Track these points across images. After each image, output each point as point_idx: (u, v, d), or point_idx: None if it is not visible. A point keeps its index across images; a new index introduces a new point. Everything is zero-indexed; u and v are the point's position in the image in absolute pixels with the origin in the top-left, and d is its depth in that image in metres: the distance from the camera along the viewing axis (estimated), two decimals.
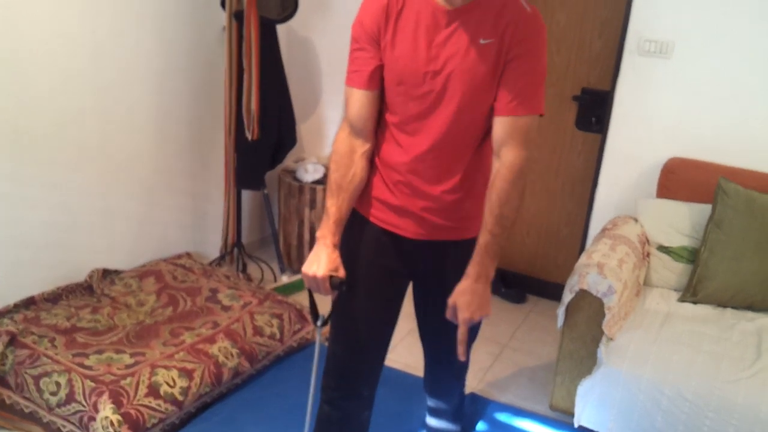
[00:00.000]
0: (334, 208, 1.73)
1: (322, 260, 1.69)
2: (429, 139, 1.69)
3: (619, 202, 3.26)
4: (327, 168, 3.68)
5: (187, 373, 2.42)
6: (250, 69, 3.05)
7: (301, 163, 3.65)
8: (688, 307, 2.70)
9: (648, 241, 2.90)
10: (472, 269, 1.67)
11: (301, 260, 3.64)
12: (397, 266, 1.86)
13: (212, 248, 3.63)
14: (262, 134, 3.13)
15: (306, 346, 2.95)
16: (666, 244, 2.88)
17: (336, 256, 1.72)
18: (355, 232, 1.85)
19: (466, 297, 1.65)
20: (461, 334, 1.67)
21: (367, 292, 1.86)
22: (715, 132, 3.03)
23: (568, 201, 3.53)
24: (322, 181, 3.56)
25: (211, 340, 2.61)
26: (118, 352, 2.44)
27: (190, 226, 3.49)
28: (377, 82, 1.71)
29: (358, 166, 1.75)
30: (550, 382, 2.95)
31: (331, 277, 1.70)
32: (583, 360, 2.55)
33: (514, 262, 3.72)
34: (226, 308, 2.86)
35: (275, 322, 2.86)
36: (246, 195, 3.65)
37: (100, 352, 2.44)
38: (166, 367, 2.39)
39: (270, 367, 2.78)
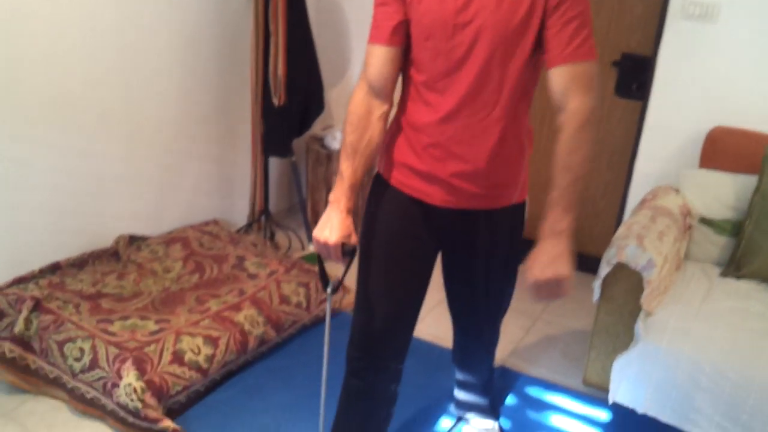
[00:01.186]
0: (349, 171, 1.65)
1: (334, 225, 1.62)
2: (457, 95, 1.59)
3: (659, 172, 3.13)
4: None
5: (213, 341, 2.38)
6: (277, 32, 2.96)
7: (329, 130, 3.58)
8: (731, 283, 2.58)
9: (690, 213, 2.78)
10: (542, 226, 1.56)
11: None
12: (425, 234, 1.78)
13: (239, 216, 3.58)
14: (289, 100, 3.06)
15: (334, 315, 2.90)
16: (709, 217, 2.75)
17: (349, 222, 1.65)
18: (380, 198, 1.78)
19: (535, 254, 1.54)
20: (534, 295, 1.57)
21: (393, 260, 1.79)
22: (761, 100, 2.87)
23: (606, 171, 3.40)
24: None
25: (237, 307, 2.57)
26: (143, 318, 2.42)
27: (217, 192, 3.45)
28: (400, 38, 1.62)
29: (375, 129, 1.67)
30: (584, 356, 2.87)
31: (343, 244, 1.63)
32: (620, 335, 2.45)
33: None
34: (252, 276, 2.82)
35: (302, 290, 2.81)
36: (273, 162, 3.59)
37: (125, 318, 2.41)
38: (191, 335, 2.36)
39: (296, 335, 2.74)
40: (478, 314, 1.99)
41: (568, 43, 1.51)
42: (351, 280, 2.00)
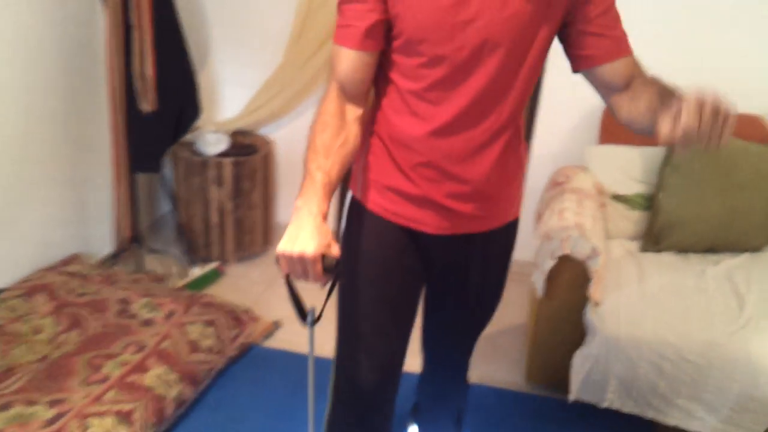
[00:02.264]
0: (320, 172, 1.32)
1: (308, 233, 1.24)
2: (456, 106, 1.34)
3: (558, 152, 3.08)
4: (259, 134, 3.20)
5: (126, 417, 1.94)
6: (141, 26, 2.47)
7: (198, 132, 3.12)
8: (655, 258, 2.58)
9: (602, 190, 2.75)
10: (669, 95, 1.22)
11: (209, 247, 3.15)
12: (414, 266, 1.53)
13: (100, 243, 3.04)
14: (162, 104, 2.59)
15: (246, 351, 2.53)
16: (620, 193, 2.74)
17: (327, 228, 1.29)
18: (359, 229, 1.50)
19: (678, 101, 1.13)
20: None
21: (382, 301, 1.52)
22: (657, 68, 2.88)
23: None
24: (229, 153, 3.07)
25: (142, 367, 2.13)
26: (29, 403, 1.91)
27: (73, 221, 2.88)
28: (376, 42, 1.34)
29: (351, 132, 1.38)
30: (519, 352, 2.77)
31: (323, 256, 1.26)
32: (562, 329, 2.37)
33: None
34: (146, 323, 2.37)
35: (210, 331, 2.41)
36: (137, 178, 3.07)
37: (4, 407, 1.89)
38: (98, 414, 1.90)
39: (212, 385, 2.35)
40: (462, 343, 1.77)
41: (615, 37, 1.35)
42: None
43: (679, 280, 2.41)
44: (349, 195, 1.57)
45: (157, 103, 2.57)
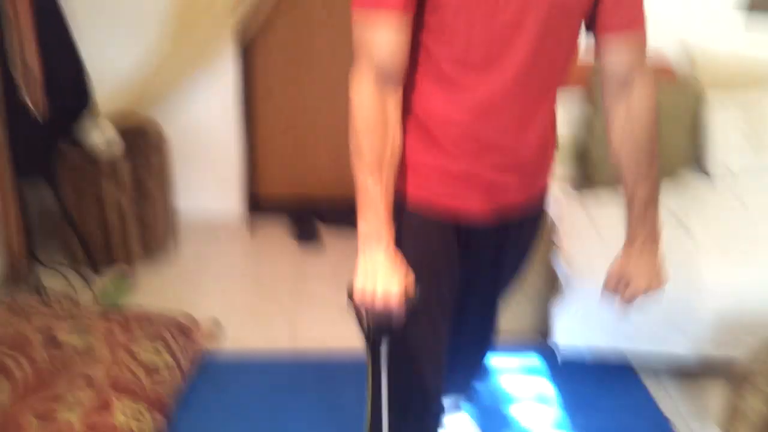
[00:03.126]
0: (379, 186, 1.19)
1: (387, 270, 1.17)
2: (507, 73, 1.21)
3: None
4: (138, 127, 2.80)
5: None
6: (16, 13, 2.02)
7: (79, 123, 2.68)
8: (592, 198, 2.64)
9: None
10: (639, 229, 1.31)
11: (111, 252, 2.76)
12: (457, 256, 1.40)
13: None
14: (50, 99, 2.16)
15: (200, 361, 2.26)
16: None
17: (399, 257, 1.21)
18: (405, 233, 1.31)
19: (640, 263, 1.30)
20: (631, 302, 1.40)
21: (439, 303, 1.39)
22: None
23: None
24: (117, 142, 2.67)
25: (103, 404, 1.82)
26: None
27: None
28: (414, 1, 1.16)
29: (396, 127, 1.23)
30: None
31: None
32: (532, 281, 2.37)
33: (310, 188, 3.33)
34: (84, 352, 2.02)
35: (161, 346, 2.11)
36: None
37: None
38: None
39: (178, 408, 2.06)
40: (493, 313, 1.69)
41: (631, 5, 1.23)
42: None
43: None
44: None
45: (44, 96, 2.15)
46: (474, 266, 1.48)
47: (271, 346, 2.40)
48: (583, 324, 2.23)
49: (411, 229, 1.31)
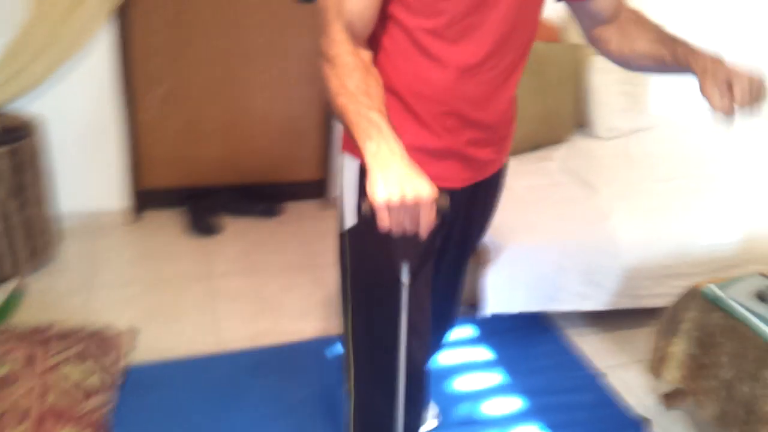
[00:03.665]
0: (374, 111, 1.12)
1: (412, 173, 1.04)
2: (484, 43, 1.23)
3: None
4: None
5: None
6: None
7: None
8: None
9: None
10: (699, 59, 1.25)
11: None
12: (436, 231, 1.40)
13: None
14: None
15: (127, 375, 2.08)
16: None
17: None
18: None
19: (724, 68, 1.22)
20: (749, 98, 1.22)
21: (422, 276, 1.41)
22: None
23: (302, 87, 3.10)
24: None
25: None
26: None
27: None
28: None
29: (375, 73, 1.21)
30: None
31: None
32: None
33: (253, 172, 3.19)
34: (4, 380, 1.79)
35: (89, 365, 1.92)
36: None
37: None
38: None
39: (115, 426, 1.90)
40: (460, 276, 1.70)
41: None
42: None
43: (534, 181, 2.60)
44: (352, 174, 1.36)
45: None
46: (447, 230, 1.49)
47: (198, 349, 2.27)
48: (511, 290, 2.31)
49: None
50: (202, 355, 2.24)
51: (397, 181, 1.03)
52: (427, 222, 1.06)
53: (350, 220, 1.42)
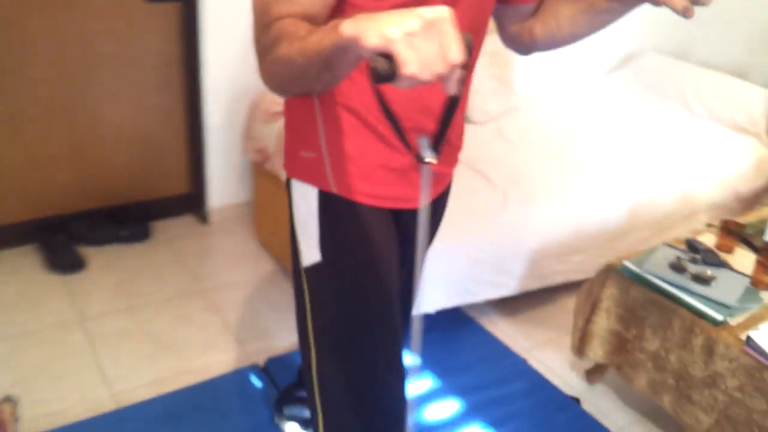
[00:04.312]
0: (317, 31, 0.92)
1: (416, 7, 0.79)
2: None
3: (233, 77, 2.78)
4: None
5: None
6: None
7: None
8: None
9: None
10: None
11: None
12: (397, 240, 1.33)
13: None
14: None
15: None
16: None
17: None
18: (350, 226, 1.24)
19: None
20: None
21: (390, 299, 1.31)
22: None
23: (159, 96, 2.79)
24: None
25: None
26: None
27: None
28: None
29: None
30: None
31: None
32: None
33: (112, 194, 2.85)
34: None
35: None
36: None
37: None
38: None
39: None
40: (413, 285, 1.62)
41: None
42: None
43: None
44: (309, 203, 1.24)
45: None
46: (406, 242, 1.40)
47: (91, 408, 1.98)
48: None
49: (357, 223, 1.22)
50: (99, 414, 1.96)
51: (404, 12, 0.78)
52: (458, 50, 0.78)
53: (310, 256, 1.27)
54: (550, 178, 2.56)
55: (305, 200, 1.25)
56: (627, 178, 2.65)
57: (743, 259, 2.06)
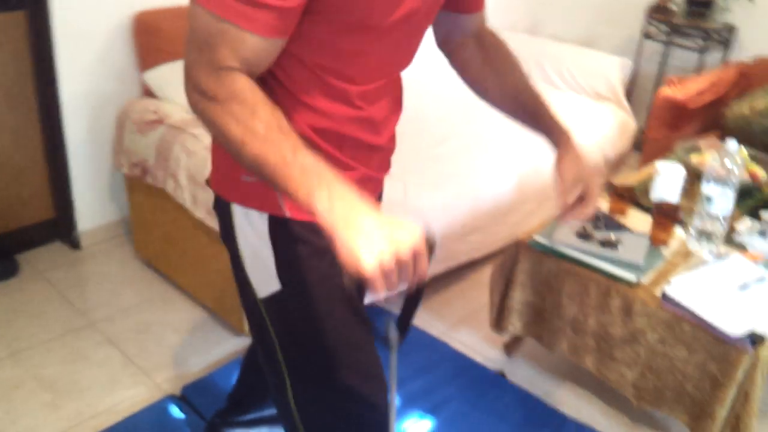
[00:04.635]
0: (300, 152, 0.92)
1: (393, 222, 0.88)
2: (381, 74, 1.16)
3: (93, 87, 2.54)
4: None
5: None
6: None
7: None
8: None
9: None
10: (563, 132, 1.34)
11: None
12: None
13: None
14: None
15: None
16: None
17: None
18: (305, 248, 1.16)
19: (580, 161, 1.31)
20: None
21: (355, 311, 1.25)
22: None
23: (10, 115, 2.48)
24: None
25: None
26: None
27: None
28: (295, 21, 0.99)
29: (277, 108, 0.98)
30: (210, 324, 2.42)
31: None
32: None
33: None
34: None
35: None
36: None
37: None
38: None
39: None
40: None
41: None
42: None
43: None
44: (259, 231, 1.15)
45: None
46: None
47: None
48: None
49: (315, 242, 1.14)
50: None
51: (381, 238, 0.85)
52: (425, 267, 0.89)
53: (267, 286, 1.17)
54: (444, 162, 2.59)
55: (252, 227, 1.14)
56: (511, 152, 2.74)
57: (637, 220, 2.19)
